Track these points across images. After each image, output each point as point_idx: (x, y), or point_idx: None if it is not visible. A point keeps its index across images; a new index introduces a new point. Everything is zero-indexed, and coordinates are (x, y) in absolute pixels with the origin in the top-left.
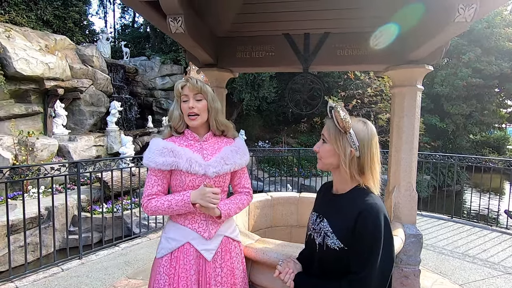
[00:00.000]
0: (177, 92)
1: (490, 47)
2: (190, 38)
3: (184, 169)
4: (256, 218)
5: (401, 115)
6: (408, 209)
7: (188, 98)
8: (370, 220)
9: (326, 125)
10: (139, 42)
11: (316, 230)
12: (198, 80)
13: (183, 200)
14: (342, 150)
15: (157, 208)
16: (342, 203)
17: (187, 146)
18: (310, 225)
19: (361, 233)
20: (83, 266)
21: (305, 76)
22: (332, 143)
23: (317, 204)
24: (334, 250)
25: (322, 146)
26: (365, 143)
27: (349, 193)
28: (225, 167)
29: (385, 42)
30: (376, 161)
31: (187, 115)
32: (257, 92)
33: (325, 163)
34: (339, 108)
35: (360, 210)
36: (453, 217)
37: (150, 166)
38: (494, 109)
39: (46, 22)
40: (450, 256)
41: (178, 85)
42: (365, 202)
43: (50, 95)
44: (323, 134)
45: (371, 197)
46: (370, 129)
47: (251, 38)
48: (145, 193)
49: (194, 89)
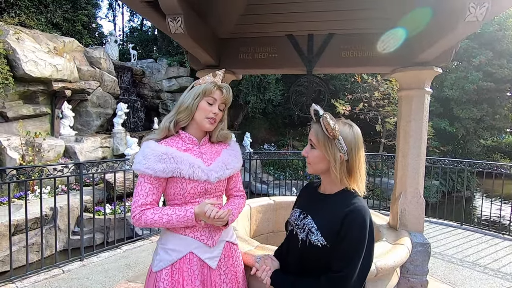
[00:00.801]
0: (208, 91)
1: (502, 50)
2: (189, 39)
3: (187, 175)
4: (258, 223)
5: (408, 119)
6: (415, 216)
7: (214, 102)
8: (357, 222)
9: (313, 130)
10: (147, 44)
11: (299, 226)
12: (231, 91)
13: (186, 216)
14: (332, 156)
15: (153, 222)
16: (329, 203)
17: (186, 151)
18: (293, 220)
19: (347, 233)
20: (84, 268)
21: (309, 78)
22: (321, 149)
23: (301, 201)
24: (317, 247)
25: (311, 152)
26: (353, 146)
27: (337, 194)
28: (227, 171)
29: (393, 46)
30: (363, 162)
31: (206, 117)
32: (263, 94)
33: (315, 168)
34: (328, 117)
35: (347, 212)
36: (463, 224)
37: (146, 174)
38: (506, 114)
39: (55, 25)
40: (460, 265)
41: (212, 86)
42: (353, 205)
43: (58, 97)
44: (310, 140)
45: (358, 200)
46: (356, 132)
47: (254, 39)
48: (137, 203)
49: (224, 99)
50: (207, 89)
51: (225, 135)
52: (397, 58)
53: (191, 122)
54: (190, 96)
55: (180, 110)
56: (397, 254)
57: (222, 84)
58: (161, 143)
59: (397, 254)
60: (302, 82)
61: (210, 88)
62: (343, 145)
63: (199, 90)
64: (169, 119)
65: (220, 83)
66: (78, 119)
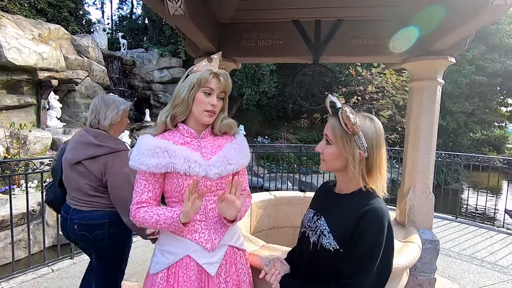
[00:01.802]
0: (203, 81)
1: (495, 44)
2: (190, 21)
3: (182, 171)
4: (258, 218)
5: (419, 111)
6: (424, 213)
7: (212, 92)
8: (373, 224)
9: (330, 124)
10: (137, 33)
11: (312, 228)
12: (229, 78)
13: (172, 218)
14: (351, 153)
15: (145, 221)
16: (344, 203)
17: (183, 144)
18: (306, 222)
19: (362, 236)
20: (75, 266)
21: (315, 67)
22: (338, 146)
23: (315, 202)
24: (329, 251)
25: (326, 148)
26: (374, 142)
27: (353, 194)
28: (229, 167)
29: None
30: (384, 160)
31: (204, 109)
32: (258, 86)
33: (330, 165)
34: (347, 111)
35: (363, 212)
36: (458, 217)
37: (140, 170)
38: (496, 108)
39: (40, 11)
40: (458, 259)
41: (207, 75)
42: (370, 205)
43: (44, 86)
44: (326, 135)
45: (376, 200)
46: (378, 127)
47: (257, 24)
48: (134, 200)
49: (223, 87)
50: (202, 78)
51: (229, 125)
52: (410, 47)
53: (189, 115)
54: (185, 87)
55: (176, 103)
56: (410, 253)
57: (218, 71)
58: (157, 137)
59: (409, 253)
60: (307, 72)
61: (205, 77)
62: (363, 142)
63: (193, 80)
64: (165, 113)
65: (216, 70)
66: (66, 110)
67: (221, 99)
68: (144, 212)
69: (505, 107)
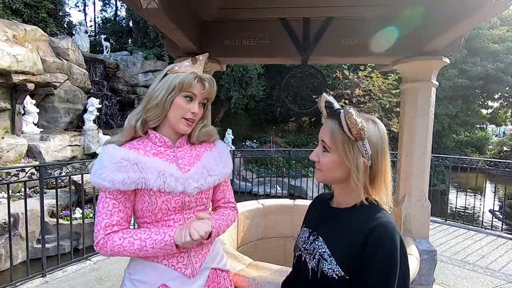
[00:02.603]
0: (186, 85)
1: (476, 48)
2: (165, 17)
3: (156, 187)
4: (245, 229)
5: (414, 114)
6: (421, 221)
7: (194, 98)
8: (384, 241)
9: (328, 128)
10: (121, 36)
11: (309, 251)
12: (215, 84)
13: (164, 241)
14: (354, 162)
15: (122, 249)
16: (345, 219)
17: (155, 155)
18: (301, 243)
19: (372, 259)
20: (47, 285)
21: (303, 68)
22: (338, 153)
23: (309, 219)
24: (332, 280)
25: (323, 156)
26: (379, 149)
27: (355, 208)
28: (209, 179)
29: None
30: (389, 169)
31: (182, 116)
32: (245, 90)
33: (329, 176)
34: (353, 114)
35: (370, 229)
36: (447, 220)
37: (103, 187)
38: (477, 110)
39: (15, 11)
40: (450, 264)
41: (191, 78)
42: (377, 220)
43: (19, 90)
44: (323, 141)
45: (383, 214)
46: (383, 131)
47: (242, 23)
48: (100, 224)
49: (206, 94)
50: (186, 82)
51: (208, 133)
52: (403, 47)
53: (163, 121)
54: (163, 89)
55: (149, 106)
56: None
57: (204, 76)
58: (124, 147)
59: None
60: (295, 73)
61: (189, 80)
62: (368, 148)
63: (174, 82)
64: (135, 116)
65: (201, 74)
66: (43, 116)
67: (202, 106)
68: (119, 238)
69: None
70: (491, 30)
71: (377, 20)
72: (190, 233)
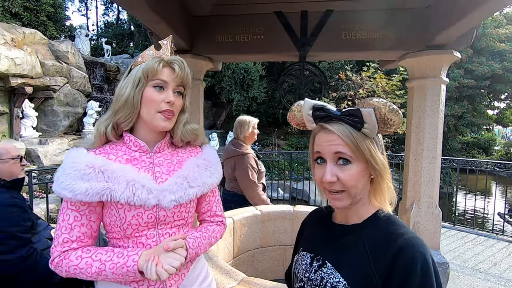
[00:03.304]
0: (151, 72)
1: (482, 48)
2: (146, 7)
3: (124, 199)
4: (242, 238)
5: (422, 115)
6: (431, 231)
7: (165, 85)
8: (417, 264)
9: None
10: (122, 39)
11: (315, 282)
12: (188, 69)
13: (126, 267)
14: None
15: (79, 271)
16: (359, 239)
17: (128, 162)
18: (301, 272)
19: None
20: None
21: (301, 65)
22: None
23: (308, 240)
24: None
25: (345, 171)
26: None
27: (369, 222)
28: (190, 191)
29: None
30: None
31: (157, 110)
32: (247, 92)
33: (356, 192)
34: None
35: (396, 250)
36: (455, 224)
37: (65, 197)
38: (484, 111)
39: (14, 15)
40: (460, 272)
41: (155, 63)
42: (402, 238)
43: (17, 94)
44: (339, 152)
45: (405, 228)
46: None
47: (235, 17)
48: (58, 239)
49: (179, 79)
50: (149, 68)
51: (194, 131)
52: (409, 41)
53: (137, 120)
54: (128, 84)
55: (118, 107)
56: None
57: (171, 58)
58: (93, 151)
59: None
60: (293, 71)
61: (152, 66)
62: (381, 142)
63: (138, 73)
64: (105, 122)
65: (168, 58)
66: (42, 119)
67: (180, 95)
68: (77, 257)
69: (492, 109)
70: (498, 29)
71: (381, 12)
72: (158, 272)
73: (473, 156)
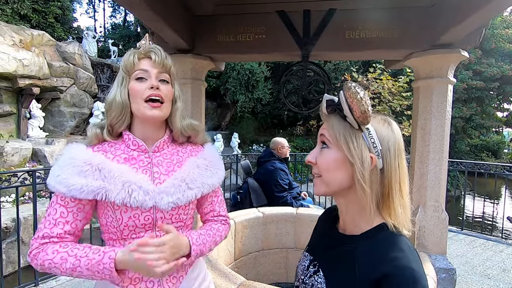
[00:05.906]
0: (129, 66)
1: (490, 48)
2: (147, 7)
3: (119, 200)
4: (244, 240)
5: (428, 116)
6: (437, 235)
7: (148, 76)
8: None
9: (328, 123)
10: (129, 41)
11: (307, 284)
12: (166, 54)
13: (102, 264)
14: (358, 155)
15: (53, 266)
16: (352, 254)
17: (126, 161)
18: (299, 272)
19: None
20: None
21: (304, 65)
22: (340, 146)
23: (313, 239)
24: None
25: (321, 154)
26: (391, 144)
27: (366, 235)
28: (189, 193)
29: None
30: (407, 176)
31: (144, 99)
32: (252, 93)
33: (329, 181)
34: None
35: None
36: (463, 228)
37: (59, 191)
38: (493, 113)
39: (23, 17)
40: (469, 278)
41: (130, 56)
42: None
43: (25, 95)
44: (322, 135)
45: (403, 252)
46: (396, 130)
47: (236, 16)
48: (39, 233)
49: (159, 65)
50: (127, 62)
51: (192, 126)
52: (415, 39)
53: (133, 120)
54: (114, 85)
55: (108, 108)
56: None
57: (146, 48)
58: (92, 148)
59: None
60: (295, 71)
61: (129, 59)
62: (376, 140)
63: (120, 73)
64: (99, 124)
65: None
66: (49, 120)
67: (166, 83)
68: (52, 251)
69: (502, 112)
70: (507, 29)
71: (385, 10)
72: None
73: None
